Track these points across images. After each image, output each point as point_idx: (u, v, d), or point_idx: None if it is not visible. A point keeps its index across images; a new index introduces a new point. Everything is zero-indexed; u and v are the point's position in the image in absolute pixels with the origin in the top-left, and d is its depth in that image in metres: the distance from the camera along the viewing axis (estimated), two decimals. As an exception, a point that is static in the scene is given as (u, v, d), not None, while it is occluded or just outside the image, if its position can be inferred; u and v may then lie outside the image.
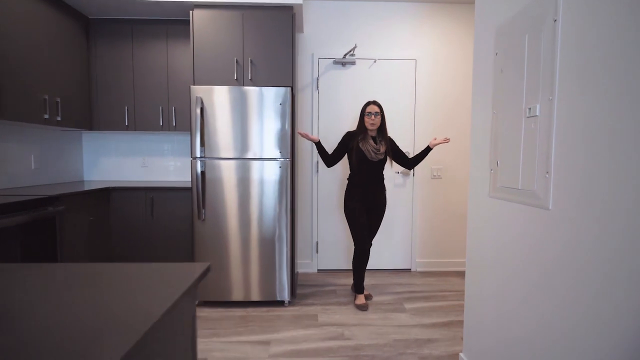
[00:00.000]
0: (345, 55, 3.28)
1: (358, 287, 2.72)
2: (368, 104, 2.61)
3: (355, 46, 3.18)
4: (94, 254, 2.61)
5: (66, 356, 0.49)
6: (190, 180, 3.19)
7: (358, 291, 2.72)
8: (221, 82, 2.66)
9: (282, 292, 2.67)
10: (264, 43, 2.67)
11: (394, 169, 3.39)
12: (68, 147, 3.13)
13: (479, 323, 1.67)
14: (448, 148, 3.46)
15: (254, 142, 2.58)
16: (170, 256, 2.81)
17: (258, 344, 2.16)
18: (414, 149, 3.41)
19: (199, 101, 2.51)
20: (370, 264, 3.30)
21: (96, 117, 3.00)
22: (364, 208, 2.66)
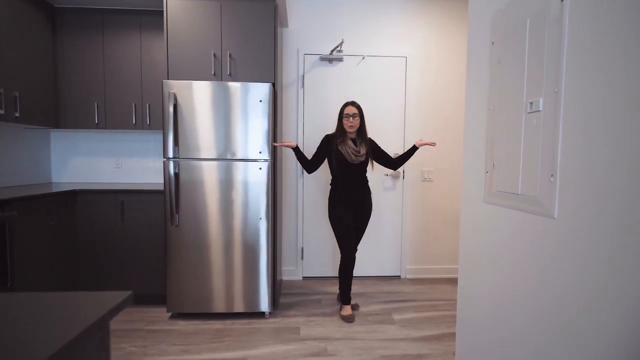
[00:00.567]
0: (332, 51, 3.12)
1: (344, 297, 2.55)
2: (346, 105, 2.47)
3: (342, 41, 3.01)
4: (57, 263, 2.39)
5: None
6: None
7: (344, 302, 2.55)
8: (198, 77, 2.47)
9: (262, 303, 2.48)
10: (244, 36, 2.49)
11: (382, 172, 3.24)
12: (34, 147, 2.89)
13: (473, 349, 1.51)
14: (440, 150, 3.31)
15: (233, 141, 2.40)
16: (141, 264, 2.60)
17: (232, 362, 1.98)
18: (404, 149, 3.25)
19: (171, 97, 2.32)
20: (358, 270, 3.14)
21: (63, 114, 2.78)
22: (350, 213, 2.50)
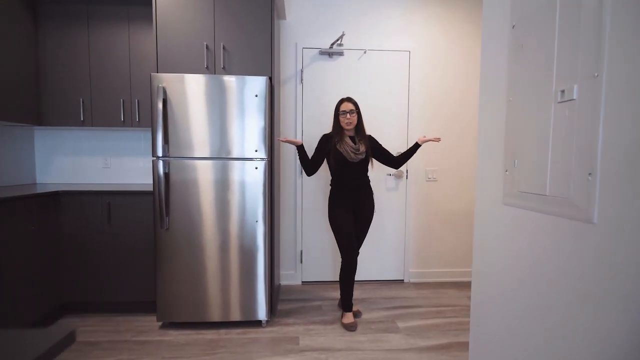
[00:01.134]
0: (332, 45, 2.97)
1: (346, 304, 2.41)
2: (342, 101, 2.34)
3: (342, 34, 2.87)
4: (38, 271, 2.24)
5: None
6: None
7: (346, 309, 2.41)
8: (190, 70, 2.33)
9: (259, 311, 2.33)
10: (239, 27, 2.35)
11: (385, 172, 3.09)
12: (15, 146, 2.73)
13: None
14: (445, 148, 3.17)
15: (227, 139, 2.25)
16: (130, 270, 2.45)
17: (226, 377, 1.83)
18: (407, 148, 3.11)
19: (161, 91, 2.17)
20: (359, 274, 2.99)
21: (46, 110, 2.62)
22: (350, 215, 2.36)
